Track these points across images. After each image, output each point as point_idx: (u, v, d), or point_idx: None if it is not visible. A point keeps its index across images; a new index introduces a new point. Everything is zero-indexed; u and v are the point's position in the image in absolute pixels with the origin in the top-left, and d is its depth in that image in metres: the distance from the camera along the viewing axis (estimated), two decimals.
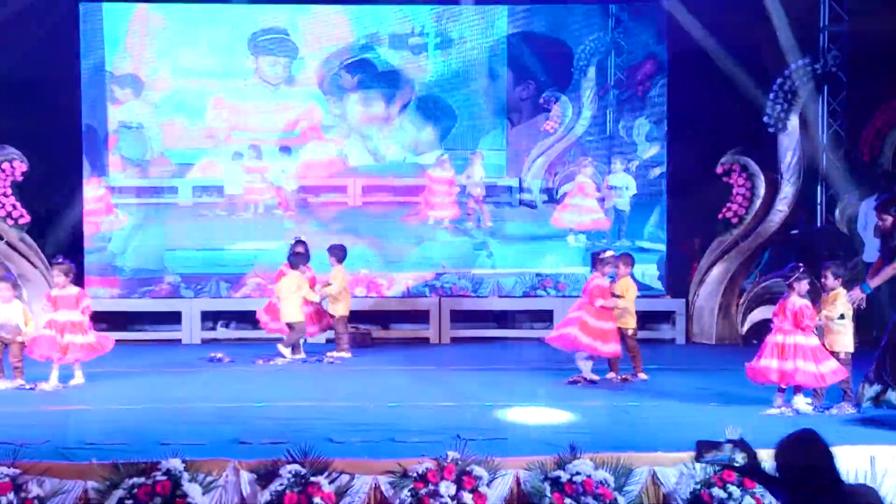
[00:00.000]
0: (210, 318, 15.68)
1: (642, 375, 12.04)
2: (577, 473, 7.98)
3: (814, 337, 10.31)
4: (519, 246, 15.74)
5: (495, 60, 15.54)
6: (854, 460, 8.44)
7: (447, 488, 7.87)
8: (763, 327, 14.27)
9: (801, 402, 10.22)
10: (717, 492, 8.04)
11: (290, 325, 13.47)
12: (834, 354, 10.31)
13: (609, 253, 12.29)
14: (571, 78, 15.62)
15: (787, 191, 15.03)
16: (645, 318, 12.86)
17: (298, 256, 13.55)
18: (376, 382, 11.97)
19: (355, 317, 14.50)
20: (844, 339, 10.51)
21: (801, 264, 10.59)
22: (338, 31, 15.40)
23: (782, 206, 15.05)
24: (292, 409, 10.31)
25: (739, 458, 5.34)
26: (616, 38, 15.58)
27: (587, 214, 15.69)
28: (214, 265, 15.37)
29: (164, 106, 15.45)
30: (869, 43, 15.44)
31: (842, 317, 10.42)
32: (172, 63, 15.43)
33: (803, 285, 10.38)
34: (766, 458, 6.21)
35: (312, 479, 7.81)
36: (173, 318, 15.52)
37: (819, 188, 15.89)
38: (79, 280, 12.57)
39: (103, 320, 15.06)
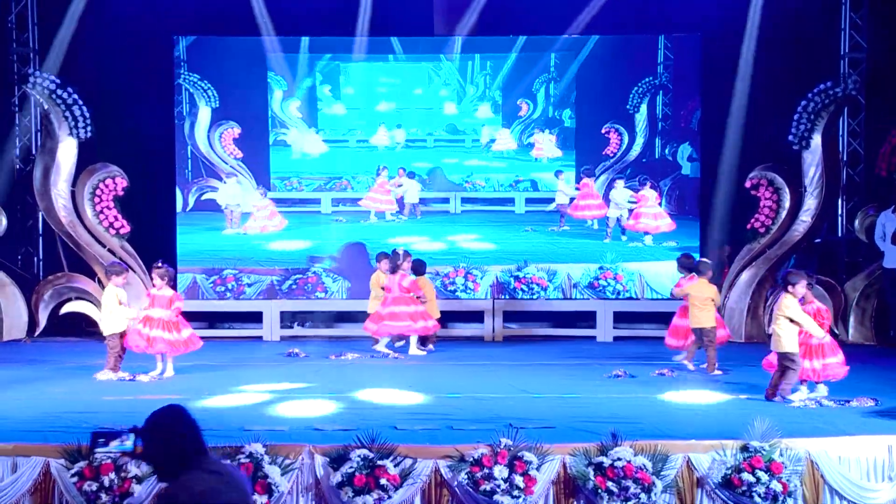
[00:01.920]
0: (288, 317, 15.79)
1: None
2: (619, 459, 7.94)
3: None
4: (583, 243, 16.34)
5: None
6: (873, 449, 8.35)
7: (500, 472, 7.86)
8: None
9: (825, 392, 10.13)
10: (747, 476, 7.97)
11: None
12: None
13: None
14: (626, 112, 16.12)
15: (811, 203, 14.86)
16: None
17: (420, 265, 14.04)
18: (436, 376, 11.96)
19: None
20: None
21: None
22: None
23: (806, 217, 14.89)
24: (361, 399, 10.34)
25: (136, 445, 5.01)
26: (664, 81, 16.05)
27: (660, 220, 16.11)
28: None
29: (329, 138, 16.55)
30: (885, 69, 15.29)
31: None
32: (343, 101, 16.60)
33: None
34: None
35: (379, 462, 7.84)
36: (256, 317, 15.64)
37: (840, 201, 15.68)
38: (173, 284, 12.66)
39: (196, 319, 15.28)
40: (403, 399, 10.38)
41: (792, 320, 10.01)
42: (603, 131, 16.19)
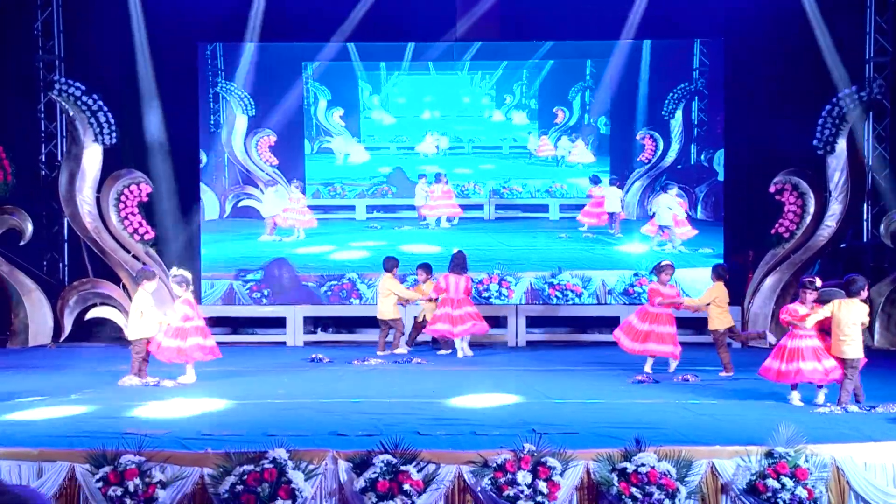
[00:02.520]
0: (311, 322, 15.83)
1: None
2: (643, 465, 7.91)
3: None
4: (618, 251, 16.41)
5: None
6: None
7: (524, 477, 7.85)
8: None
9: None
10: (772, 482, 7.93)
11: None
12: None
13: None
14: (661, 118, 16.17)
15: (836, 208, 14.80)
16: (704, 323, 12.77)
17: (428, 268, 14.53)
18: (459, 381, 11.95)
19: None
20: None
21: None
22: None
23: (831, 222, 14.82)
24: (384, 404, 10.34)
25: None
26: (699, 87, 16.10)
27: (682, 226, 16.20)
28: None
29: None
30: None
31: None
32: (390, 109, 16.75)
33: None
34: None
35: (402, 467, 7.84)
36: (279, 322, 15.68)
37: (865, 205, 15.60)
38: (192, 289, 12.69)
39: (221, 324, 15.32)
40: (427, 403, 10.38)
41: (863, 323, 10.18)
42: (638, 137, 16.22)
